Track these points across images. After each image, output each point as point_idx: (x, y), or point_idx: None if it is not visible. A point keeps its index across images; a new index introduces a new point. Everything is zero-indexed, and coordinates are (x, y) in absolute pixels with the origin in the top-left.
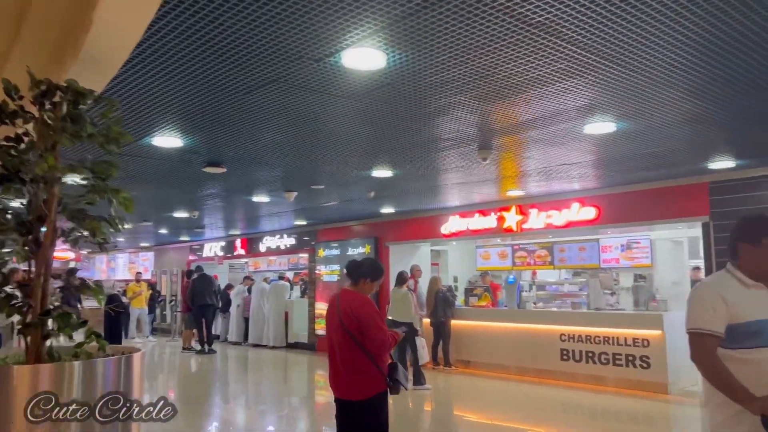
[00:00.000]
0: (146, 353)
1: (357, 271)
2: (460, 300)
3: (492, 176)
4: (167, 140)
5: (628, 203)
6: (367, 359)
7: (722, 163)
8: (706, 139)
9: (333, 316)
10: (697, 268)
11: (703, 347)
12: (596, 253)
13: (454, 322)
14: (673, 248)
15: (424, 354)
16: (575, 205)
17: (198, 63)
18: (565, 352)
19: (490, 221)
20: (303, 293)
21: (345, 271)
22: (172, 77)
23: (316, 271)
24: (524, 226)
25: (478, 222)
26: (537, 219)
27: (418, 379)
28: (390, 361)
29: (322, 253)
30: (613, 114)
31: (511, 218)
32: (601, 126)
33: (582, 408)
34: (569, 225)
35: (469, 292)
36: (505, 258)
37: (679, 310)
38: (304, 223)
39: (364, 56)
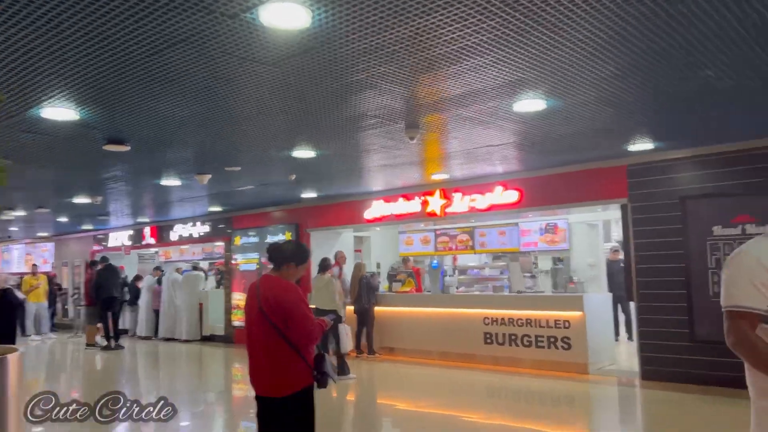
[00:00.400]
0: (45, 351)
1: (280, 255)
2: (384, 286)
3: (417, 158)
4: (59, 112)
5: (549, 186)
6: (291, 351)
7: (641, 146)
8: (629, 120)
9: (253, 306)
10: (616, 250)
11: (740, 329)
12: (516, 237)
13: (377, 309)
14: (589, 231)
15: (348, 342)
16: (498, 189)
17: (89, 17)
18: (488, 336)
19: (414, 206)
20: (219, 283)
21: (267, 255)
22: (59, 34)
23: (233, 260)
24: (448, 210)
25: (402, 207)
26: (461, 203)
27: (342, 369)
28: (316, 352)
29: (238, 241)
30: (543, 89)
31: (435, 202)
32: (531, 103)
33: (506, 391)
34: (492, 208)
35: (392, 277)
36: (427, 243)
37: (595, 292)
38: (219, 209)
39: (285, 12)
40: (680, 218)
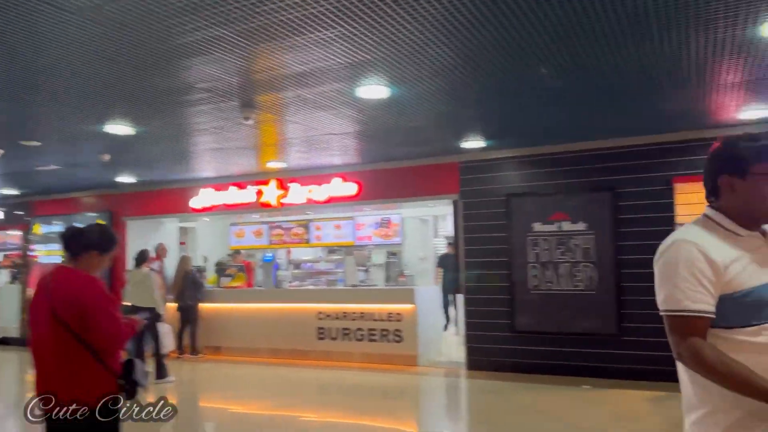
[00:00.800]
0: None
1: (79, 241)
2: (209, 280)
3: (252, 143)
4: None
5: (387, 180)
6: (90, 357)
7: (473, 143)
8: (464, 115)
9: (41, 304)
10: (450, 244)
11: (693, 343)
12: (351, 231)
13: (203, 306)
14: (421, 226)
15: (168, 342)
16: (337, 180)
17: None
18: (321, 331)
19: (247, 195)
20: (14, 278)
21: (61, 241)
22: None
23: (31, 252)
24: (284, 201)
25: (234, 196)
26: (298, 194)
27: (161, 372)
28: (126, 357)
29: (38, 229)
30: (387, 75)
31: (271, 193)
32: (374, 90)
33: (338, 386)
34: (331, 201)
35: (221, 272)
36: (260, 236)
37: (425, 284)
38: (15, 192)
39: None
40: (505, 214)
